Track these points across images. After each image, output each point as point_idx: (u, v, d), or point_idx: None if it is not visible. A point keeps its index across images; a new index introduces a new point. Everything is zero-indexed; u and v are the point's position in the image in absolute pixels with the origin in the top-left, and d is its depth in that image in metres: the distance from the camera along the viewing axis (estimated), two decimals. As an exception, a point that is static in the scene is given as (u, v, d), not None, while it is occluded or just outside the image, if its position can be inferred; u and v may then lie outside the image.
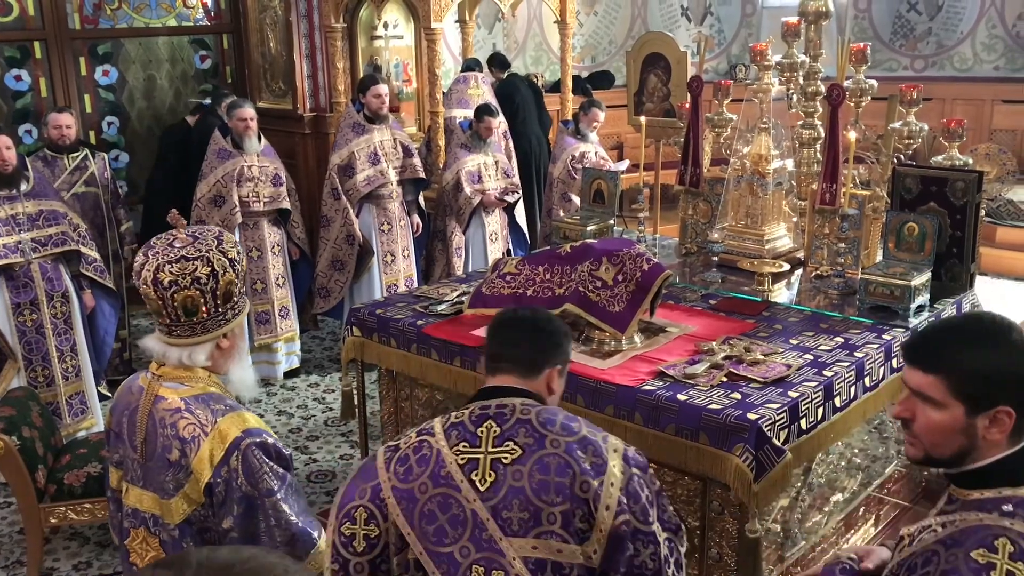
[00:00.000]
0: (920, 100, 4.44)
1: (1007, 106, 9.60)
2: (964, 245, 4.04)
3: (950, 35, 10.37)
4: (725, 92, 4.96)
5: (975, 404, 1.65)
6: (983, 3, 10.15)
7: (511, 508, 1.91)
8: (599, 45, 10.28)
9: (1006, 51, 10.15)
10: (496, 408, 2.01)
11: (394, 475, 1.98)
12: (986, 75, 10.07)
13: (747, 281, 4.25)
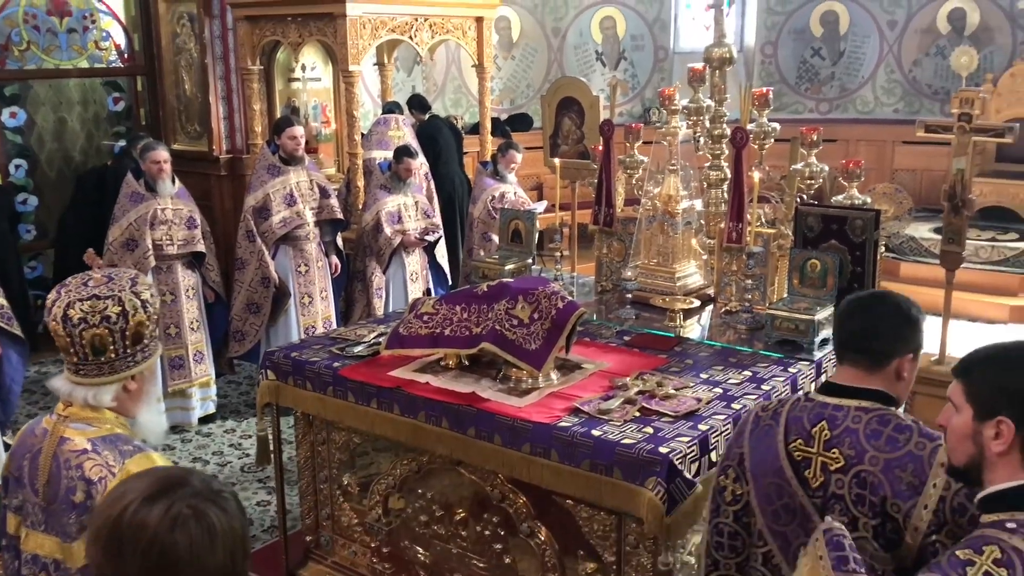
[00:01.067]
0: (820, 142, 4.63)
1: (907, 147, 10.05)
2: (864, 280, 4.20)
3: (852, 79, 10.86)
4: (636, 135, 5.09)
5: (981, 409, 1.83)
6: (881, 49, 10.67)
7: (833, 511, 2.12)
8: (517, 88, 10.46)
9: (904, 95, 10.66)
10: (832, 410, 2.20)
11: (752, 449, 2.28)
12: (887, 117, 10.56)
13: (660, 317, 4.35)
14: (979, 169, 9.58)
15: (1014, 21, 10.04)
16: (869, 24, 10.66)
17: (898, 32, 10.58)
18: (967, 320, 8.21)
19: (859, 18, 10.67)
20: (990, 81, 9.73)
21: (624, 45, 10.71)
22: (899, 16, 10.54)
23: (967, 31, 10.25)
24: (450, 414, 3.42)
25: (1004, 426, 1.79)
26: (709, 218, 4.86)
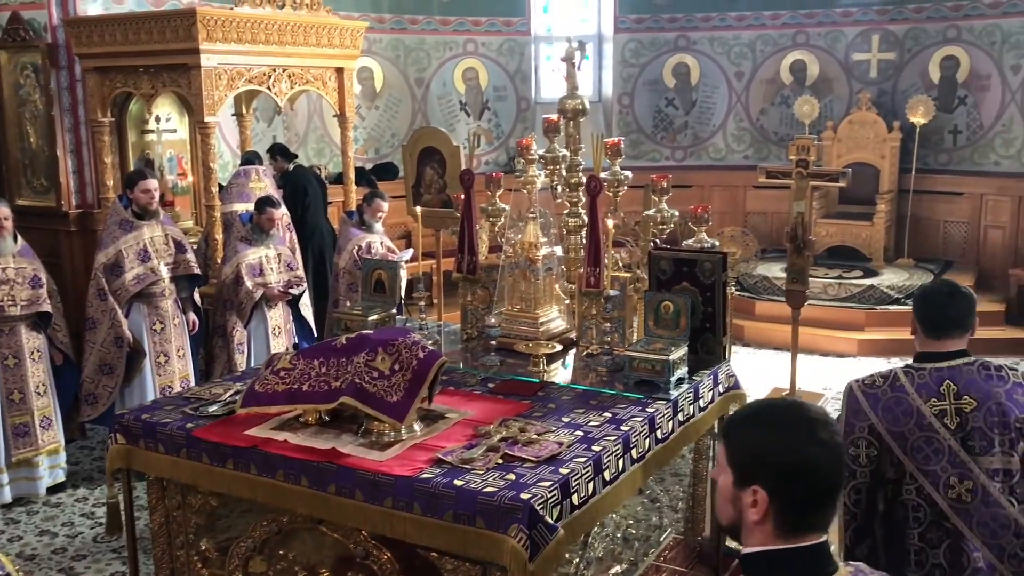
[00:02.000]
0: (670, 189, 4.82)
1: (757, 191, 10.55)
2: (716, 320, 4.37)
3: (704, 128, 11.36)
4: (497, 184, 5.16)
5: (740, 476, 1.76)
6: (730, 99, 11.22)
7: (974, 439, 2.93)
8: (382, 137, 10.47)
9: (753, 142, 11.22)
10: (949, 372, 2.99)
11: (884, 419, 2.99)
12: (738, 163, 11.07)
13: (524, 363, 4.39)
14: (824, 211, 10.19)
15: (850, 72, 10.76)
16: (718, 75, 11.21)
17: (745, 83, 11.16)
18: (819, 355, 8.63)
19: (709, 70, 11.21)
20: (831, 128, 10.39)
21: (487, 95, 10.90)
22: (745, 68, 11.13)
23: (808, 81, 10.91)
24: (309, 472, 3.34)
25: (759, 496, 1.72)
26: (569, 264, 4.96)
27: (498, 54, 10.86)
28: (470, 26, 10.69)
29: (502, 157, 10.95)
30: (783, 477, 1.71)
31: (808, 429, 1.73)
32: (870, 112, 10.19)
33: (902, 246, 10.00)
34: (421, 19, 10.48)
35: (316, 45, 7.43)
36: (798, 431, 1.73)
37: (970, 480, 2.93)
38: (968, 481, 2.94)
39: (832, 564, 1.77)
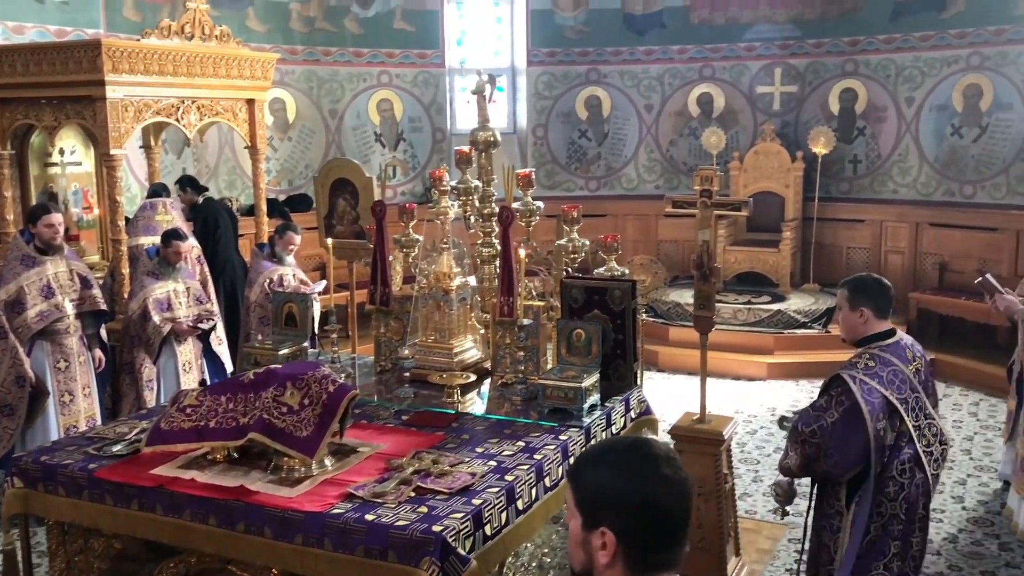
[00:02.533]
0: (580, 219, 4.90)
1: (668, 220, 10.78)
2: (627, 346, 4.44)
3: (617, 159, 11.58)
4: (410, 215, 5.17)
5: (587, 519, 1.72)
6: (641, 131, 11.47)
7: (929, 390, 3.81)
8: (295, 169, 10.39)
9: (663, 172, 11.48)
10: (903, 342, 3.75)
11: (890, 389, 3.59)
12: (649, 193, 11.29)
13: (439, 394, 4.38)
14: (733, 239, 10.46)
15: (754, 105, 11.12)
16: (629, 108, 11.46)
17: (655, 115, 11.44)
18: (731, 379, 8.82)
19: (619, 102, 11.45)
20: (737, 158, 10.70)
21: (402, 127, 10.92)
22: (655, 100, 11.41)
23: (715, 114, 11.24)
24: (217, 510, 3.27)
25: (607, 538, 1.68)
26: (484, 293, 4.99)
27: (413, 86, 10.91)
28: (384, 58, 10.72)
29: (418, 188, 10.97)
30: (629, 517, 1.69)
31: (652, 467, 1.71)
32: (774, 143, 10.54)
33: (807, 271, 10.33)
34: (334, 51, 10.47)
35: (226, 77, 7.36)
36: (642, 470, 1.71)
37: (936, 425, 3.73)
38: (935, 427, 3.73)
39: None
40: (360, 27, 10.55)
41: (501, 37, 11.66)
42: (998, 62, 9.54)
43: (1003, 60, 9.51)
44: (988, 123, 9.69)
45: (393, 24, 10.70)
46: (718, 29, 11.11)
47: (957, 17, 9.77)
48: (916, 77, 10.16)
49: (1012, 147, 9.54)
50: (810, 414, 3.68)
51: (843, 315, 3.84)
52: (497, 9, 11.63)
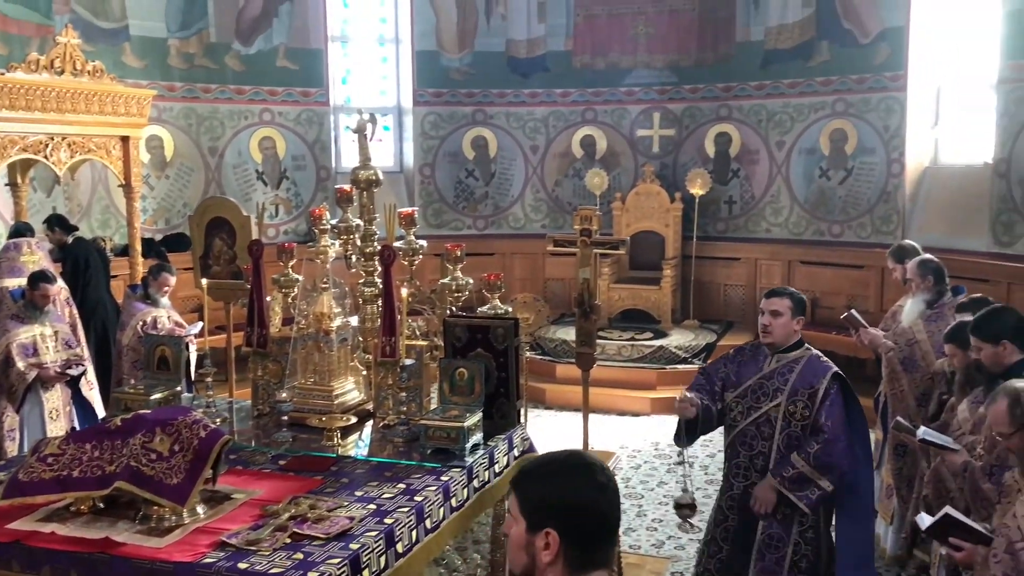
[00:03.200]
0: (463, 257, 4.91)
1: (555, 258, 10.90)
2: (509, 384, 4.45)
3: (504, 198, 11.70)
4: (289, 254, 5.08)
5: (531, 522, 1.93)
6: (527, 171, 11.65)
7: None
8: (173, 208, 10.10)
9: (549, 211, 11.66)
10: None
11: None
12: (536, 232, 11.43)
13: (318, 438, 4.28)
14: (616, 277, 10.68)
15: (635, 147, 11.44)
16: (515, 149, 11.62)
17: (540, 156, 11.63)
18: (616, 414, 8.94)
19: (505, 143, 11.61)
20: (619, 199, 10.96)
21: (285, 165, 10.77)
22: (540, 142, 11.61)
23: (598, 155, 11.51)
24: (80, 564, 3.09)
25: (551, 537, 1.90)
26: (365, 334, 4.92)
27: (296, 124, 10.79)
28: (266, 96, 10.58)
29: (302, 227, 10.80)
30: (572, 517, 1.92)
31: (588, 474, 1.96)
32: (654, 184, 10.85)
33: (688, 308, 10.61)
34: (214, 87, 10.27)
35: (99, 113, 7.13)
36: (580, 476, 1.95)
37: None
38: None
39: None
40: (242, 64, 10.40)
41: (387, 77, 11.68)
42: (861, 108, 10.10)
43: (865, 107, 10.07)
44: (853, 166, 10.23)
45: (276, 62, 10.58)
46: (599, 74, 11.42)
47: (822, 65, 10.32)
48: (786, 122, 10.65)
49: (875, 189, 10.08)
50: None
51: None
52: (383, 49, 11.65)
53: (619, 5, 11.28)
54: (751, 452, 4.46)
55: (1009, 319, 4.10)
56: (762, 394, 4.44)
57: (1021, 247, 8.55)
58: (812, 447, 4.25)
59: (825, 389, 4.30)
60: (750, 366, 4.54)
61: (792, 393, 4.34)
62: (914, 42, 9.68)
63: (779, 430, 4.34)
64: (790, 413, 4.34)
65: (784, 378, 4.41)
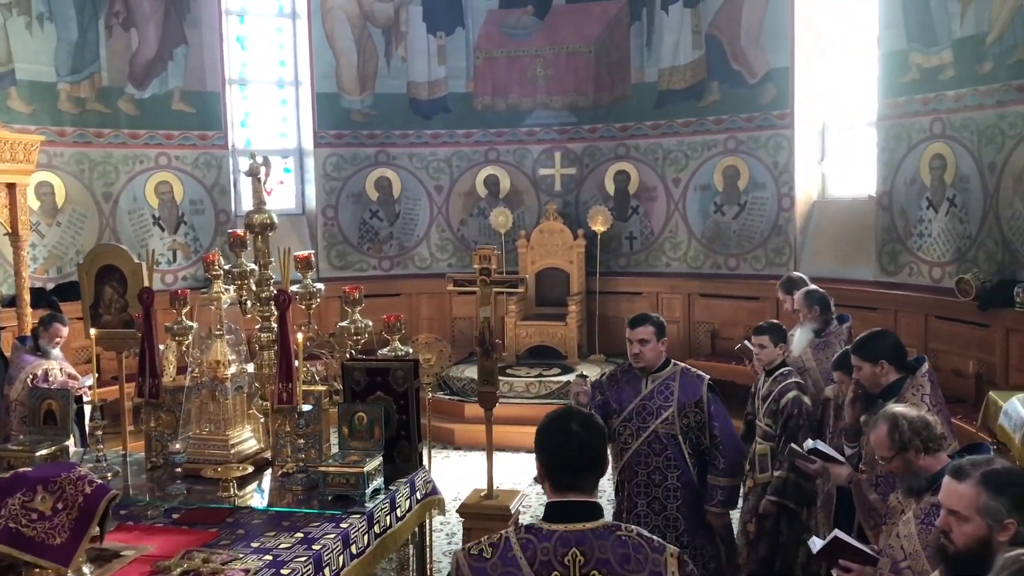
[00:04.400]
0: (362, 300, 4.89)
1: (462, 297, 10.91)
2: (411, 427, 4.44)
3: (409, 238, 11.69)
4: (183, 300, 4.98)
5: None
6: (432, 211, 11.68)
7: None
8: (66, 255, 9.77)
9: (455, 250, 11.70)
10: None
11: None
12: (442, 271, 11.40)
13: (214, 489, 4.18)
14: (523, 314, 10.75)
15: (537, 186, 11.60)
16: (419, 189, 11.65)
17: (444, 195, 11.69)
18: (525, 451, 8.93)
19: (409, 183, 11.63)
20: (524, 237, 11.07)
21: (183, 209, 10.55)
22: (443, 181, 11.67)
23: (502, 194, 11.62)
24: (-47, 636, 2.94)
25: (537, 464, 2.49)
26: (262, 380, 4.84)
27: (194, 167, 10.59)
28: (162, 140, 10.37)
29: (200, 272, 10.56)
30: (540, 452, 2.49)
31: (563, 423, 2.47)
32: (557, 221, 11.00)
33: (594, 343, 10.75)
34: (108, 132, 10.03)
35: (-18, 159, 6.89)
36: (556, 422, 2.48)
37: None
38: None
39: (592, 513, 2.43)
40: (136, 108, 10.18)
41: (287, 119, 11.60)
42: (751, 146, 10.48)
43: (755, 144, 10.45)
44: (746, 201, 10.57)
45: (172, 105, 10.39)
46: (500, 115, 11.58)
47: (714, 105, 10.68)
48: (681, 160, 10.97)
49: (768, 223, 10.43)
50: None
51: None
52: (282, 92, 11.58)
53: (518, 48, 11.49)
54: (648, 469, 4.74)
55: (888, 340, 4.29)
56: (647, 414, 4.76)
57: (906, 276, 8.96)
58: (719, 461, 4.72)
59: (706, 398, 4.76)
60: (628, 391, 4.78)
61: (681, 408, 4.74)
62: (799, 82, 10.12)
63: (683, 442, 4.73)
64: (686, 427, 4.74)
65: (665, 396, 4.77)
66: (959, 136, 8.27)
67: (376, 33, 11.41)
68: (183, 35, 10.43)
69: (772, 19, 10.18)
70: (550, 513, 2.44)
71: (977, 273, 7.86)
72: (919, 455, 3.40)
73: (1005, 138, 7.79)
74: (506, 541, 2.42)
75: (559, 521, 2.41)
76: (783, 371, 5.27)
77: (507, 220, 11.17)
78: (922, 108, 8.64)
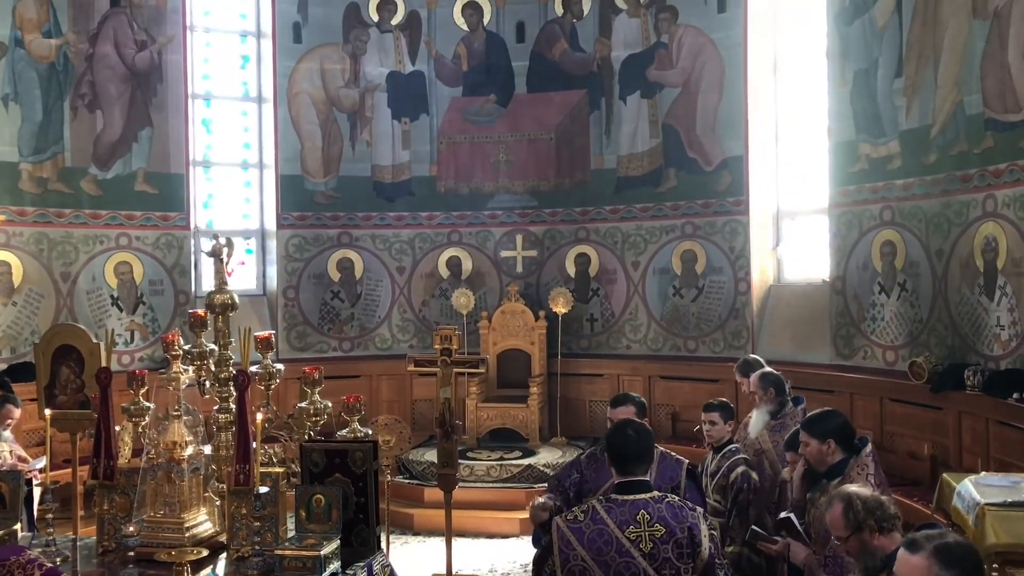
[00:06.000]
0: (322, 380, 4.89)
1: (423, 379, 10.81)
2: (369, 510, 4.39)
3: (370, 319, 11.69)
4: (141, 381, 4.94)
5: None
6: (394, 292, 11.71)
7: None
8: (20, 336, 9.63)
9: (417, 331, 11.70)
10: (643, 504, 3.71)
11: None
12: (403, 352, 11.38)
13: (167, 573, 4.09)
14: (484, 396, 10.73)
15: (499, 267, 11.72)
16: (381, 270, 11.70)
17: (407, 276, 11.75)
18: (486, 537, 8.82)
19: (372, 264, 11.68)
20: (486, 318, 11.12)
21: (142, 289, 10.48)
22: (406, 263, 11.75)
23: (464, 275, 11.71)
24: None
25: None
26: (219, 462, 4.78)
27: (155, 248, 10.57)
28: (123, 220, 10.35)
29: (158, 353, 10.44)
30: (609, 448, 3.75)
31: (623, 428, 3.79)
32: (519, 303, 11.08)
33: (555, 425, 10.73)
34: (69, 212, 10.00)
35: (-62, 238, 6.83)
36: (620, 429, 3.79)
37: None
38: None
39: (647, 488, 3.64)
40: (98, 189, 10.19)
41: (250, 200, 11.67)
42: (708, 231, 10.72)
43: (712, 229, 10.70)
44: (704, 284, 10.76)
45: (135, 186, 10.41)
46: (463, 198, 11.75)
47: (671, 191, 10.96)
48: (640, 243, 11.17)
49: (725, 306, 10.60)
50: None
51: None
52: (246, 174, 11.67)
53: (480, 134, 11.74)
54: None
55: (837, 420, 4.38)
56: None
57: (860, 359, 9.12)
58: None
59: (684, 484, 4.79)
60: (605, 472, 4.71)
61: (658, 489, 4.55)
62: (753, 170, 10.43)
63: None
64: None
65: None
66: (908, 223, 8.56)
67: (341, 118, 11.61)
68: (148, 117, 10.52)
69: (726, 109, 10.54)
70: (620, 489, 3.63)
71: (929, 356, 8.04)
72: (874, 535, 3.45)
73: (951, 226, 8.07)
74: (593, 508, 3.57)
75: (627, 494, 3.59)
76: (731, 447, 5.34)
77: (469, 301, 11.24)
78: (872, 196, 8.95)
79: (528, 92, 11.67)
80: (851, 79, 9.13)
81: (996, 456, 7.11)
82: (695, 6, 10.75)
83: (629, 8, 11.20)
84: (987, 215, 7.64)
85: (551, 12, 11.58)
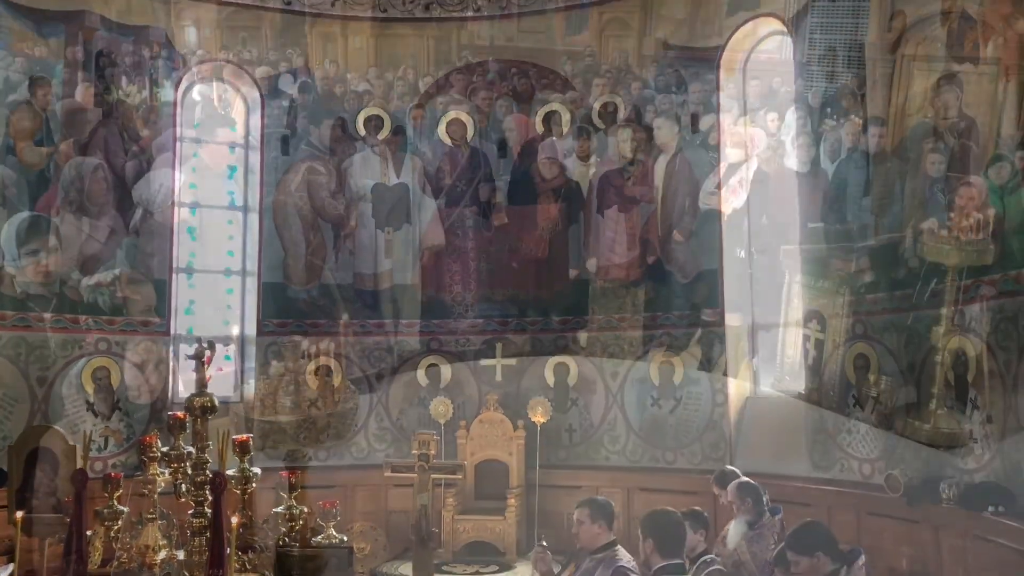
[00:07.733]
0: (299, 486, 4.87)
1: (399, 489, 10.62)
2: (343, 618, 4.32)
3: (346, 427, 11.60)
4: (116, 484, 4.90)
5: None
6: (372, 400, 11.67)
7: None
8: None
9: (394, 440, 11.60)
10: None
11: None
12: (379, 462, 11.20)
13: None
14: (461, 507, 10.59)
15: (478, 376, 11.74)
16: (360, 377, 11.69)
17: (385, 384, 11.73)
18: (460, 653, 8.59)
19: (351, 372, 11.67)
20: (464, 427, 11.07)
21: (119, 395, 10.41)
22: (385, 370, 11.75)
23: (442, 383, 11.70)
24: None
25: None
26: (192, 568, 4.71)
27: (133, 353, 10.55)
28: (104, 325, 10.37)
29: (132, 459, 10.29)
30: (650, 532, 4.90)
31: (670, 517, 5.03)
32: (497, 412, 11.06)
33: (533, 538, 10.53)
34: (48, 317, 10.02)
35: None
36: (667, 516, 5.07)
37: None
38: None
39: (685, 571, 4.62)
40: (80, 294, 10.24)
41: (231, 307, 11.73)
42: (684, 342, 10.85)
43: (688, 340, 10.83)
44: (681, 396, 10.82)
45: (117, 292, 10.48)
46: (444, 306, 11.88)
47: (649, 302, 11.12)
48: (618, 354, 11.27)
49: (703, 417, 10.64)
50: None
51: None
52: (228, 281, 11.77)
53: (462, 244, 11.96)
54: None
55: (820, 531, 4.38)
56: None
57: (838, 471, 9.12)
58: None
59: None
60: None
61: None
62: (728, 283, 10.65)
63: None
64: None
65: None
66: (880, 337, 8.70)
67: (326, 227, 11.82)
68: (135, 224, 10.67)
69: (702, 224, 10.83)
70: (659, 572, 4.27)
71: (904, 469, 8.07)
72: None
73: (922, 340, 8.21)
74: None
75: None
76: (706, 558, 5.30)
77: (447, 410, 11.21)
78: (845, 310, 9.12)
79: (509, 204, 11.95)
80: (820, 199, 9.43)
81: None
82: (670, 126, 11.17)
83: (607, 127, 11.62)
84: (956, 329, 7.79)
85: (532, 130, 11.99)
